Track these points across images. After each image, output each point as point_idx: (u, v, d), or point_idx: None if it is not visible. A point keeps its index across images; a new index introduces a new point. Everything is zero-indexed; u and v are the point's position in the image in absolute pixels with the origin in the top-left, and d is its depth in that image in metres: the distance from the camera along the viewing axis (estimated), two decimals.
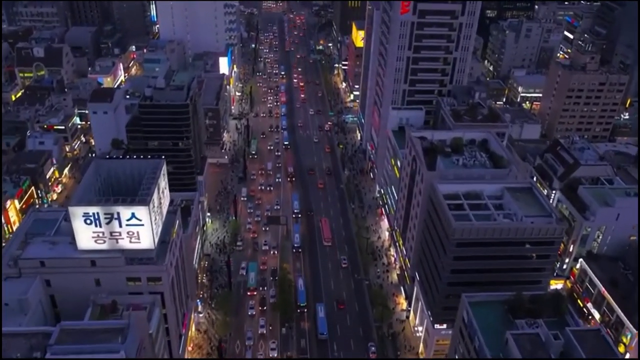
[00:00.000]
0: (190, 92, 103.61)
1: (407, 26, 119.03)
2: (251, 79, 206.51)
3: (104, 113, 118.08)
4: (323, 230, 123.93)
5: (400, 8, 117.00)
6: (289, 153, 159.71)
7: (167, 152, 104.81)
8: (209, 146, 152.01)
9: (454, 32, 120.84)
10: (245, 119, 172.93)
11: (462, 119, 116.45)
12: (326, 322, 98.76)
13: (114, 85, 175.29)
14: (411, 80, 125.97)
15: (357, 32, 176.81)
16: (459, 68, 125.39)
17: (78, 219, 71.24)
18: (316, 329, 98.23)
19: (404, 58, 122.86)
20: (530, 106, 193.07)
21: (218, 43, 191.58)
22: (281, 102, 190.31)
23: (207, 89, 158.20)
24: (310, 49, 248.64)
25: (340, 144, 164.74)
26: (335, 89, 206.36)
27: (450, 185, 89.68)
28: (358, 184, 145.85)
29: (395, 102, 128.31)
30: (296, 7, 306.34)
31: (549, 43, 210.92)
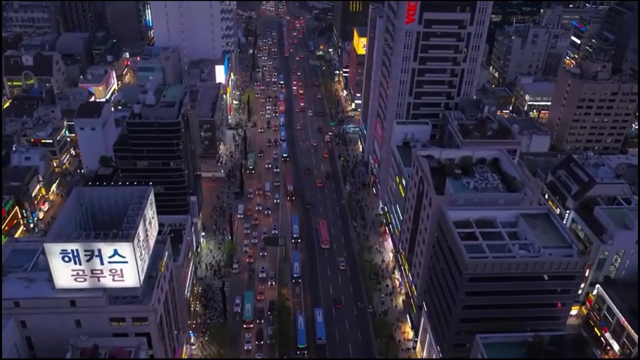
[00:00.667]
0: (182, 109, 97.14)
1: (413, 36, 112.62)
2: (249, 87, 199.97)
3: (91, 129, 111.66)
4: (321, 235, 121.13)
5: (405, 17, 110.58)
6: (288, 167, 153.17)
7: (158, 173, 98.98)
8: (204, 159, 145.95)
9: (462, 42, 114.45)
10: (243, 130, 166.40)
11: (470, 134, 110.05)
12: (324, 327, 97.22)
13: (106, 94, 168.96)
14: (416, 92, 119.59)
15: (359, 39, 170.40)
16: (466, 80, 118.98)
17: (55, 257, 64.85)
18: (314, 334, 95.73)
19: (409, 70, 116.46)
20: (538, 115, 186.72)
21: (215, 50, 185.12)
22: (280, 112, 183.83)
23: (203, 99, 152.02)
24: (309, 50, 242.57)
25: (341, 157, 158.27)
26: (335, 97, 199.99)
27: (461, 212, 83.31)
28: (360, 199, 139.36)
29: (400, 116, 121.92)
30: (296, 11, 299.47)
31: (556, 49, 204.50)
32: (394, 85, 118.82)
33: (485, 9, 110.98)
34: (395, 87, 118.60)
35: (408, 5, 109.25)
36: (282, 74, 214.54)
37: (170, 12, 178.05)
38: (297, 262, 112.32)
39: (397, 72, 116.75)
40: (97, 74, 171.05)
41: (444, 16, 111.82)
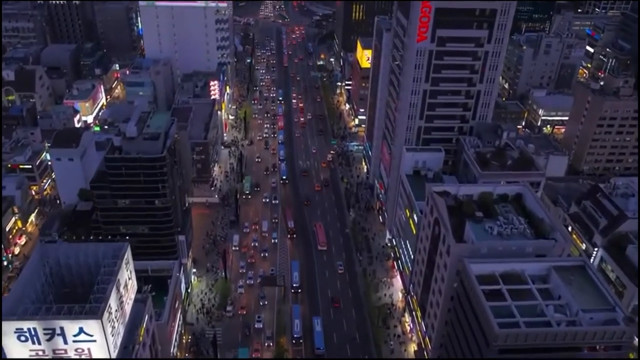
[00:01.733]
0: (168, 141, 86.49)
1: (424, 55, 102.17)
2: (246, 100, 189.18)
3: (69, 160, 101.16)
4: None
5: (417, 35, 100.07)
6: (288, 191, 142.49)
7: (141, 212, 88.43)
8: (196, 184, 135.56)
9: (479, 61, 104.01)
10: (239, 150, 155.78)
11: (489, 165, 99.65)
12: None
13: (93, 111, 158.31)
14: (428, 116, 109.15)
15: (363, 52, 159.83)
16: (483, 102, 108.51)
17: (9, 336, 54.29)
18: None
19: (420, 91, 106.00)
20: (552, 130, 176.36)
21: (209, 62, 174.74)
22: (279, 128, 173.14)
23: (196, 117, 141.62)
24: (310, 59, 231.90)
25: (345, 179, 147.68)
26: (337, 110, 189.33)
27: (485, 265, 72.79)
28: (365, 227, 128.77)
29: (409, 141, 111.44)
30: (295, 17, 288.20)
31: (570, 59, 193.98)
32: (403, 108, 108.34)
33: (504, 25, 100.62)
34: (405, 110, 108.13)
35: (420, 22, 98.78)
36: (281, 88, 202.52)
37: (161, 22, 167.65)
38: (298, 319, 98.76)
39: (406, 94, 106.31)
40: (84, 88, 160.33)
41: (459, 33, 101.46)
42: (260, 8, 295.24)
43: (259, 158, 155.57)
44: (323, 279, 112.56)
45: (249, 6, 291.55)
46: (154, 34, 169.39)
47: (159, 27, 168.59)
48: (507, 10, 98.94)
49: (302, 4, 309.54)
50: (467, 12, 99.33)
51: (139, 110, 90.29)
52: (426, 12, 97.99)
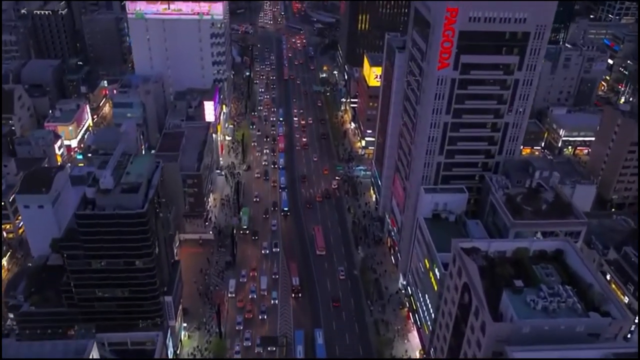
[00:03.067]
0: (151, 192, 73.72)
1: (446, 84, 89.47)
2: (244, 119, 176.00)
3: (39, 207, 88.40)
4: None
5: (438, 62, 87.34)
6: (289, 226, 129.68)
7: (120, 274, 75.73)
8: (189, 219, 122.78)
9: (507, 91, 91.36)
10: (236, 178, 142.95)
11: (521, 211, 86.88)
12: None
13: (77, 134, 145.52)
14: (448, 151, 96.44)
15: (371, 69, 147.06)
16: (511, 135, 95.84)
17: None
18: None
19: (441, 124, 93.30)
20: (573, 151, 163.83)
21: (204, 78, 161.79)
22: (279, 150, 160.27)
23: (189, 143, 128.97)
24: (312, 70, 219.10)
25: (351, 210, 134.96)
26: (342, 128, 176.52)
27: (530, 352, 60.17)
28: (375, 268, 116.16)
29: (427, 178, 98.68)
30: (296, 24, 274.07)
31: (591, 73, 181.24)
32: (420, 142, 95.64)
33: (538, 50, 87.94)
34: (423, 145, 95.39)
35: (441, 47, 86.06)
36: (281, 106, 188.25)
37: (152, 36, 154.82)
38: None
39: (425, 127, 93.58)
40: (68, 109, 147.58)
41: (486, 59, 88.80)
42: (259, 15, 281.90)
43: (257, 197, 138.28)
44: (330, 331, 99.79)
45: (247, 13, 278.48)
46: (144, 49, 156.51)
47: (150, 42, 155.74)
48: (541, 33, 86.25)
49: (302, 10, 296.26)
50: (496, 35, 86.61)
51: (117, 155, 77.43)
52: (449, 36, 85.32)
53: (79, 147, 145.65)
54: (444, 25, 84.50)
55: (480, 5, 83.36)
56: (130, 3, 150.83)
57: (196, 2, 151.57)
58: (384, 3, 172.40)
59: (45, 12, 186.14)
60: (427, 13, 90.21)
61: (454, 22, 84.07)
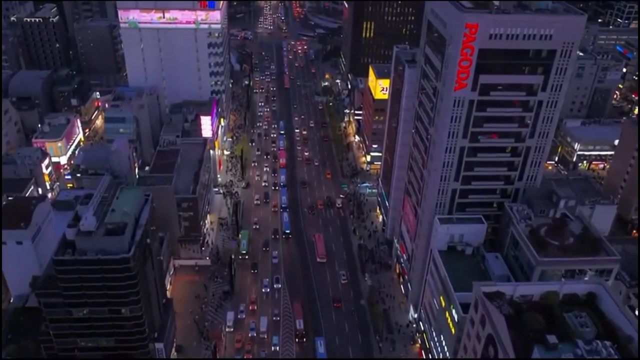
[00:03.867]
0: (138, 233, 66.00)
1: (463, 106, 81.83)
2: (243, 133, 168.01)
3: (17, 243, 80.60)
4: None
5: (455, 82, 79.74)
6: (292, 251, 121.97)
7: (104, 322, 68.08)
8: (184, 244, 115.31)
9: (530, 113, 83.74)
10: (234, 198, 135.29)
11: (547, 246, 79.10)
12: None
13: (66, 152, 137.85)
14: (465, 177, 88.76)
15: (376, 81, 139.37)
16: (533, 160, 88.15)
17: None
18: None
19: (457, 149, 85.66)
20: (588, 166, 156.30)
21: (201, 90, 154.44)
22: (280, 165, 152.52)
23: (184, 161, 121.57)
24: (314, 80, 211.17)
25: (357, 232, 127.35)
26: (345, 140, 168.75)
27: None
28: (382, 295, 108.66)
29: (442, 205, 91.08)
30: (297, 30, 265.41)
31: (605, 83, 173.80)
32: (435, 168, 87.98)
33: (564, 69, 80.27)
34: (437, 171, 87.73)
35: (459, 67, 78.43)
36: (282, 118, 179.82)
37: (146, 46, 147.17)
38: None
39: (440, 152, 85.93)
40: (57, 123, 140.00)
41: (508, 79, 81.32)
42: (259, 20, 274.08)
43: (256, 223, 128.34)
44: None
45: (247, 18, 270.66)
46: (137, 59, 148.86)
47: (144, 52, 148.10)
48: (568, 50, 78.58)
49: (303, 15, 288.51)
50: (519, 53, 78.94)
51: (101, 189, 69.73)
52: (467, 55, 77.67)
53: (68, 163, 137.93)
54: (462, 43, 76.84)
55: (502, 21, 75.69)
56: (123, 12, 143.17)
57: (192, 11, 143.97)
58: (389, 10, 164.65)
59: (36, 20, 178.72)
60: (442, 28, 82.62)
61: (473, 40, 76.44)
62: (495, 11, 76.48)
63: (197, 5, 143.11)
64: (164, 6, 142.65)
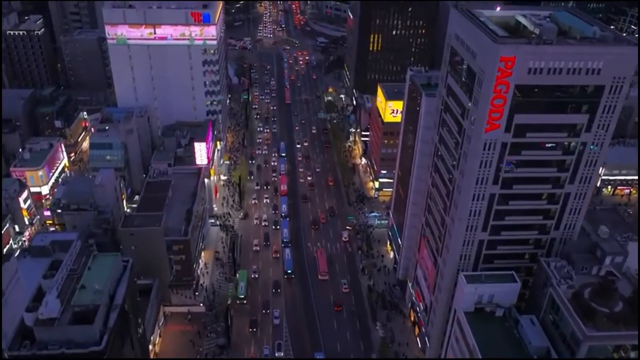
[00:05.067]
0: (112, 318, 54.55)
1: (494, 149, 70.64)
2: (241, 157, 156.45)
3: None
4: None
5: (486, 122, 68.54)
6: (294, 295, 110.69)
7: None
8: (175, 290, 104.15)
9: (571, 156, 72.53)
10: (231, 232, 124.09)
11: (593, 314, 67.84)
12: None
13: (48, 181, 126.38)
14: (494, 226, 77.59)
15: (386, 103, 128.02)
16: (572, 208, 76.99)
17: None
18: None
19: (486, 196, 74.46)
20: (613, 191, 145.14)
21: (196, 111, 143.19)
22: (281, 193, 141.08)
23: (176, 195, 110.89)
24: (316, 92, 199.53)
25: (366, 270, 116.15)
26: (351, 161, 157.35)
27: None
28: (394, 345, 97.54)
29: (467, 258, 79.98)
30: (298, 39, 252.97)
31: (627, 99, 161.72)
32: (460, 217, 76.72)
33: (613, 107, 69.14)
34: (463, 220, 76.52)
35: (491, 105, 67.22)
36: (282, 140, 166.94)
37: (136, 64, 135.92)
38: None
39: (466, 199, 74.72)
40: (39, 149, 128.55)
41: (547, 119, 70.03)
42: (258, 28, 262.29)
43: (255, 273, 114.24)
44: None
45: (246, 26, 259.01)
46: (127, 78, 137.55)
47: (133, 70, 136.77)
48: (619, 86, 67.42)
49: (303, 22, 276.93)
50: (561, 90, 67.90)
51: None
52: (501, 92, 66.44)
53: (51, 192, 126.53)
54: (496, 79, 65.61)
55: (544, 54, 64.50)
56: (110, 27, 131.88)
57: (186, 26, 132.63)
58: (398, 24, 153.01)
59: (20, 33, 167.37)
60: (470, 59, 71.35)
61: (509, 75, 65.20)
62: (535, 41, 65.36)
63: (190, 19, 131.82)
64: (155, 21, 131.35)
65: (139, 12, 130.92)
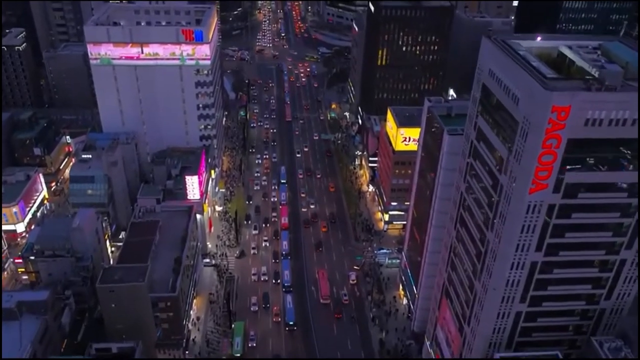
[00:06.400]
0: None
1: (540, 212, 58.63)
2: (237, 186, 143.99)
3: None
4: None
5: (531, 183, 56.51)
6: (296, 347, 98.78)
7: None
8: (162, 349, 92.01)
9: (629, 218, 60.46)
10: (226, 275, 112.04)
11: None
12: None
13: (24, 218, 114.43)
14: (534, 297, 65.58)
15: (398, 130, 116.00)
16: (627, 276, 64.95)
17: None
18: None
19: (526, 264, 62.45)
20: None
21: (188, 135, 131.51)
22: (282, 227, 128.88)
23: (164, 237, 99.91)
24: (319, 109, 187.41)
25: (377, 321, 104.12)
26: (356, 186, 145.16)
27: None
28: None
29: (501, 331, 67.97)
30: (299, 49, 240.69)
31: None
32: (494, 287, 64.70)
33: None
34: (498, 290, 64.53)
35: (539, 163, 55.20)
36: (283, 164, 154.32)
37: (122, 85, 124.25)
38: None
39: (503, 268, 62.74)
40: (15, 181, 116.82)
41: (605, 177, 57.93)
42: (257, 37, 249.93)
43: (253, 337, 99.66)
44: None
45: (244, 35, 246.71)
46: (112, 101, 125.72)
47: (119, 93, 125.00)
48: None
49: (304, 30, 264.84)
50: (623, 143, 55.91)
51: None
52: (551, 147, 54.48)
53: (28, 229, 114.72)
54: (546, 132, 53.60)
55: (605, 102, 52.51)
56: (93, 46, 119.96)
57: (176, 45, 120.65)
58: (409, 40, 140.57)
59: None
60: (511, 104, 59.14)
61: (562, 128, 53.21)
62: (595, 86, 53.27)
63: (181, 37, 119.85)
64: (142, 39, 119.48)
65: (125, 30, 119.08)
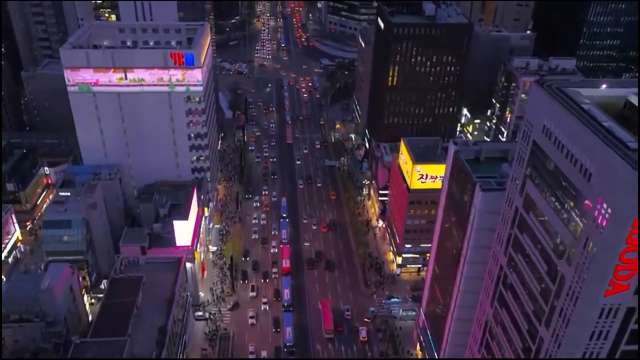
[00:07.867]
0: None
1: (616, 317, 45.94)
2: (234, 224, 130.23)
3: None
4: None
5: (608, 284, 43.67)
6: None
7: None
8: None
9: None
10: (220, 331, 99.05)
11: None
12: None
13: None
14: None
15: (414, 166, 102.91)
16: None
17: None
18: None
19: None
20: None
21: (179, 168, 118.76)
22: (283, 270, 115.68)
23: (148, 299, 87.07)
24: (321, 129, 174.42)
25: None
26: (364, 222, 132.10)
27: None
28: None
29: None
30: (300, 60, 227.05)
31: None
32: None
33: None
34: None
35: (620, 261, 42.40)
36: (284, 194, 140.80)
37: (104, 114, 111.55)
38: None
39: None
40: None
41: None
42: (255, 47, 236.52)
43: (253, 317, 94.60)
44: None
45: (241, 46, 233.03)
46: (93, 131, 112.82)
47: (101, 122, 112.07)
48: None
49: (305, 39, 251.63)
50: None
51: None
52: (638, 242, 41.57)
53: None
54: (634, 225, 40.74)
55: None
56: (70, 72, 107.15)
57: (164, 69, 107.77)
58: (423, 60, 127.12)
59: None
60: (579, 178, 46.11)
61: None
62: None
63: (170, 62, 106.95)
64: (126, 64, 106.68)
65: (106, 54, 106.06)
